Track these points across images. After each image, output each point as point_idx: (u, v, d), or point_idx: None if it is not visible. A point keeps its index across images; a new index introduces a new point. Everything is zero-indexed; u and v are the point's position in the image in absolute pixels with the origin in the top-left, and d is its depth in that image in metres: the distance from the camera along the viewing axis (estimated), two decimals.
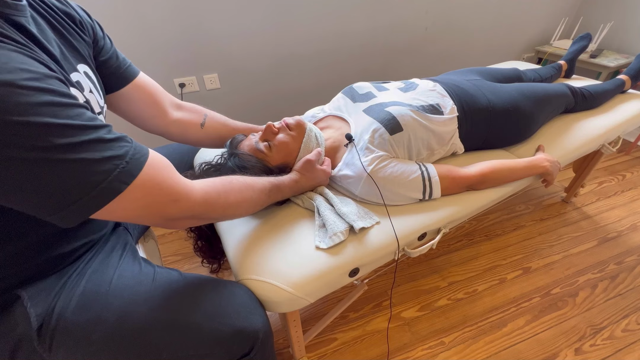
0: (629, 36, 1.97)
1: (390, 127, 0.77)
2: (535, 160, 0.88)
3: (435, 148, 0.87)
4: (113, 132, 0.43)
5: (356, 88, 0.93)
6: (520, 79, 1.20)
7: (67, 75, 0.47)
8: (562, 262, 1.24)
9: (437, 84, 0.93)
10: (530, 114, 0.96)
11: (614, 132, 1.07)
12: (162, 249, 1.36)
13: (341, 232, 0.69)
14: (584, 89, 1.11)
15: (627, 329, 1.02)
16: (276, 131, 0.77)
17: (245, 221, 0.76)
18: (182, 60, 1.49)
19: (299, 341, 0.87)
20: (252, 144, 0.75)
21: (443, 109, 0.87)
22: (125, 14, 1.31)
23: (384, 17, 1.73)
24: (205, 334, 0.53)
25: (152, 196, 0.45)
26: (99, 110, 0.55)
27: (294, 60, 1.68)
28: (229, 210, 0.57)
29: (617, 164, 1.75)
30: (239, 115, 1.75)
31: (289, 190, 0.72)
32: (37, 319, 0.48)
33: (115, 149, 0.41)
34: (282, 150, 0.75)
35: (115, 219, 0.44)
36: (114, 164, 0.41)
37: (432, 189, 0.78)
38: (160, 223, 0.50)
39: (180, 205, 0.48)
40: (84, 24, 0.57)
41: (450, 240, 1.34)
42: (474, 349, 0.99)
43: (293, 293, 0.62)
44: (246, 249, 0.69)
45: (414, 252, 0.73)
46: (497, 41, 2.12)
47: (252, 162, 0.72)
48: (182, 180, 0.50)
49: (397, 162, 0.76)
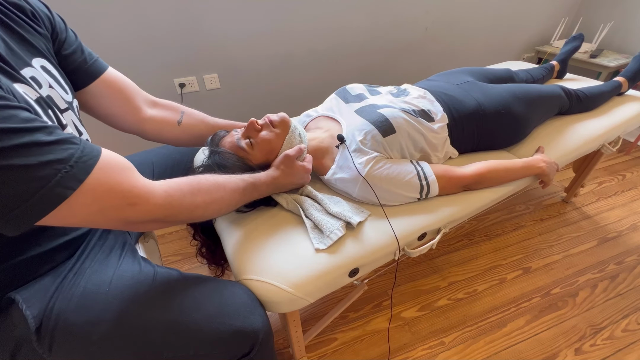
0: (629, 36, 1.96)
1: (383, 129, 0.76)
2: (531, 161, 0.88)
3: (430, 153, 0.86)
4: (57, 133, 0.40)
5: (349, 89, 0.93)
6: (512, 79, 1.19)
7: (15, 72, 0.44)
8: (562, 262, 1.24)
9: (427, 92, 0.92)
10: (522, 115, 0.95)
11: (613, 132, 1.07)
12: (162, 249, 1.36)
13: (338, 228, 0.69)
14: (578, 91, 1.10)
15: (627, 329, 1.02)
16: (259, 128, 0.74)
17: (245, 221, 0.75)
18: (182, 60, 1.49)
19: (299, 341, 0.87)
20: (234, 141, 0.73)
21: (434, 115, 0.87)
22: (126, 14, 1.31)
23: (384, 17, 1.73)
24: (205, 334, 0.52)
25: (106, 200, 0.43)
26: (65, 107, 0.53)
27: (294, 60, 1.68)
28: (196, 212, 0.55)
29: (617, 164, 1.75)
30: (239, 115, 1.76)
31: (266, 187, 0.69)
32: (35, 320, 0.47)
33: (57, 152, 0.39)
34: (265, 148, 0.73)
35: (70, 224, 0.43)
36: (54, 169, 0.38)
37: (430, 188, 0.77)
38: (121, 227, 0.48)
39: (138, 209, 0.46)
40: (37, 16, 0.54)
41: (450, 240, 1.34)
42: (474, 349, 0.99)
43: (293, 293, 0.62)
44: (246, 249, 0.69)
45: (414, 252, 0.73)
46: (497, 41, 2.12)
47: (232, 161, 0.70)
48: (140, 182, 0.47)
49: (392, 163, 0.76)
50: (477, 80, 1.05)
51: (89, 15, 1.27)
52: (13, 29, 0.49)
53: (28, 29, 0.51)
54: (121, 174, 0.45)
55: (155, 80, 1.50)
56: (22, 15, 0.51)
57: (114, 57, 1.38)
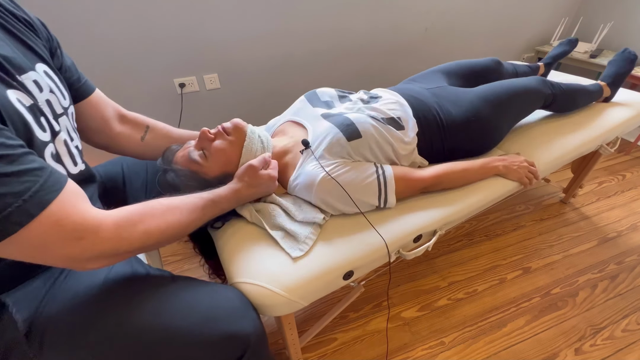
0: (629, 36, 1.97)
1: (348, 133, 0.73)
2: (487, 162, 0.87)
3: (396, 161, 0.83)
4: (21, 161, 0.38)
5: (319, 93, 0.91)
6: (498, 70, 1.16)
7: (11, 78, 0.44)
8: (562, 262, 1.24)
9: (399, 96, 0.90)
10: (492, 121, 0.92)
11: (611, 132, 1.07)
12: (161, 249, 1.36)
13: (311, 233, 0.68)
14: (562, 83, 1.06)
15: (627, 329, 1.02)
16: (212, 138, 0.70)
17: (238, 224, 0.75)
18: (182, 60, 1.49)
19: (295, 344, 0.87)
20: (186, 155, 0.69)
21: (404, 123, 0.84)
22: (126, 14, 1.31)
23: (383, 17, 1.73)
24: (196, 338, 0.52)
25: (50, 235, 0.40)
26: (61, 112, 0.53)
27: (294, 60, 1.68)
28: (150, 240, 0.51)
29: (617, 164, 1.75)
30: (238, 115, 1.76)
31: (227, 202, 0.66)
32: (24, 323, 0.47)
33: (12, 184, 0.36)
34: (220, 159, 0.70)
35: (11, 258, 0.40)
36: (4, 203, 0.36)
37: (387, 193, 0.74)
38: (62, 265, 0.45)
39: (83, 244, 0.43)
40: (35, 27, 0.55)
41: (450, 240, 1.34)
42: (474, 349, 0.99)
43: (286, 296, 0.61)
44: (239, 252, 0.69)
45: (409, 254, 0.73)
46: (497, 41, 2.12)
47: (186, 177, 0.67)
48: (91, 212, 0.44)
49: (351, 167, 0.72)
50: (453, 82, 1.03)
51: (89, 15, 1.27)
52: (15, 34, 0.50)
53: (29, 36, 0.52)
54: (75, 205, 0.43)
55: (155, 80, 1.50)
56: (22, 23, 0.52)
57: (115, 57, 1.38)
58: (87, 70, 0.69)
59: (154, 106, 1.57)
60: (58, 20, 1.25)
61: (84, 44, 1.31)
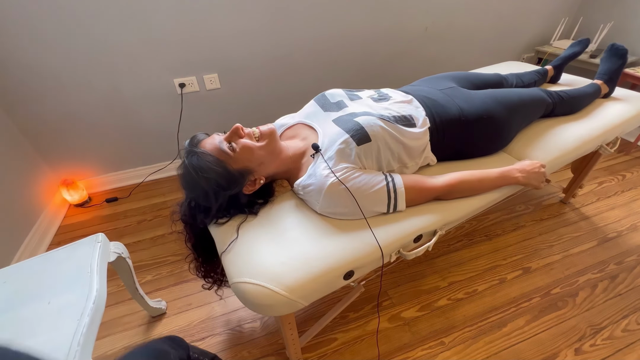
0: (629, 36, 1.96)
1: (357, 138, 0.74)
2: (507, 171, 0.86)
3: (407, 161, 0.84)
4: None
5: (328, 96, 0.91)
6: (501, 84, 1.18)
7: None
8: (562, 262, 1.24)
9: (410, 96, 0.91)
10: (503, 120, 0.94)
11: (611, 133, 1.07)
12: (161, 250, 1.36)
13: None
14: (561, 92, 1.09)
15: (627, 329, 1.02)
16: (242, 135, 0.74)
17: (237, 225, 0.75)
18: (182, 60, 1.49)
19: (295, 344, 0.87)
20: (216, 143, 0.72)
21: (415, 121, 0.85)
22: (126, 14, 1.31)
23: (384, 17, 1.73)
24: None
25: None
26: None
27: (294, 60, 1.68)
28: None
29: (617, 164, 1.75)
30: (238, 115, 1.76)
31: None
32: None
33: None
34: (245, 155, 0.73)
35: None
36: None
37: (397, 201, 0.75)
38: None
39: None
40: None
41: (450, 240, 1.34)
42: (474, 349, 0.99)
43: (287, 296, 0.62)
44: (240, 252, 0.69)
45: (409, 254, 0.73)
46: (497, 41, 2.12)
47: (211, 162, 0.69)
48: None
49: (362, 173, 0.74)
50: (461, 86, 1.04)
51: (89, 15, 1.27)
52: None
53: None
54: None
55: (155, 80, 1.50)
56: None
57: (115, 57, 1.38)
58: (88, 71, 0.69)
59: (154, 106, 1.57)
60: (58, 21, 1.25)
61: (85, 44, 1.31)
